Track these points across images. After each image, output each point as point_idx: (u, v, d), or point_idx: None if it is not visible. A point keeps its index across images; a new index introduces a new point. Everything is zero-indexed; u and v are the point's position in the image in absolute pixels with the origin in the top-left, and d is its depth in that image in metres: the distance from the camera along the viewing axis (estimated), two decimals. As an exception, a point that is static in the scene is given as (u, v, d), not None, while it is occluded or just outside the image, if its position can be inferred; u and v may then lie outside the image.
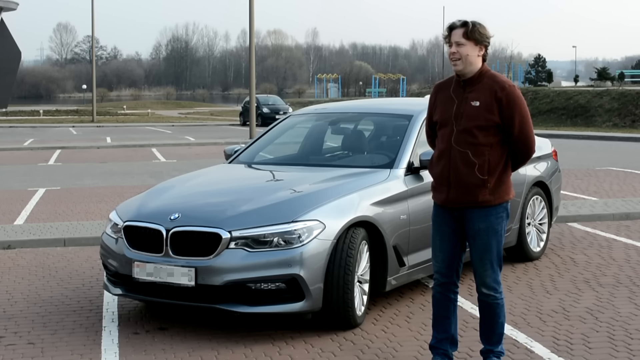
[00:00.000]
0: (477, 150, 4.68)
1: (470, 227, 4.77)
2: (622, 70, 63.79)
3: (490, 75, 4.75)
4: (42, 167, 19.74)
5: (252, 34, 27.19)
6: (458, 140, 4.71)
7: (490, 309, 4.86)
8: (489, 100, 4.68)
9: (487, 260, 4.77)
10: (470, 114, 4.70)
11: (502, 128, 4.71)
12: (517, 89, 4.74)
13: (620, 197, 12.61)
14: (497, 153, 4.72)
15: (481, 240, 4.76)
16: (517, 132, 4.70)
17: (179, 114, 64.83)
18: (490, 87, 4.70)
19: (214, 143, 27.66)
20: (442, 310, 4.97)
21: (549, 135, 21.32)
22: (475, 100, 4.70)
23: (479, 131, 4.68)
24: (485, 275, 4.80)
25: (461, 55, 4.67)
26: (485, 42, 4.70)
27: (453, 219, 4.83)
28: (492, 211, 4.74)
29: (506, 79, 4.78)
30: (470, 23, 4.69)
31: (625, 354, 5.32)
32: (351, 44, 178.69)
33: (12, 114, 58.80)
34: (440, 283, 4.95)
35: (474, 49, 4.68)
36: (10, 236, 9.48)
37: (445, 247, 4.88)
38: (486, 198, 4.71)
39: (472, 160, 4.68)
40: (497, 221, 4.75)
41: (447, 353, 4.99)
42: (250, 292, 5.59)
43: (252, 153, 7.69)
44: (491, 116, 4.67)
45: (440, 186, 4.82)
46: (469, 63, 4.69)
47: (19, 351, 5.55)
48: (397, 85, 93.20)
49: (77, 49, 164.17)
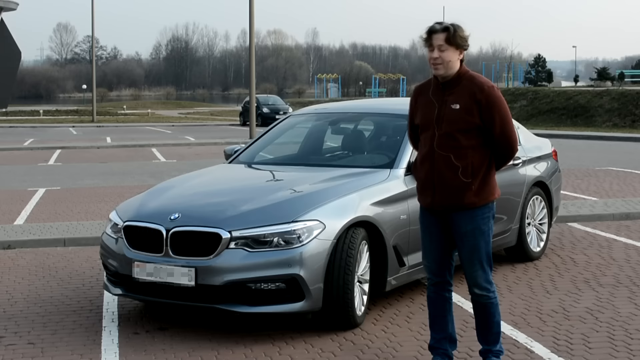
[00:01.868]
0: (460, 153, 4.68)
1: (457, 229, 4.77)
2: (622, 70, 63.71)
3: (469, 76, 4.73)
4: (42, 167, 19.74)
5: (252, 34, 27.19)
6: (440, 144, 4.71)
7: (484, 309, 4.86)
8: (469, 103, 4.66)
9: (476, 260, 4.78)
10: (451, 118, 4.68)
11: (483, 129, 4.70)
12: (497, 89, 4.72)
13: (620, 197, 12.61)
14: (480, 154, 4.72)
15: (468, 241, 4.76)
16: (498, 133, 4.70)
17: (179, 114, 64.83)
18: (470, 89, 4.68)
19: (214, 143, 27.66)
20: (438, 309, 4.98)
21: (549, 135, 21.28)
22: (455, 103, 4.69)
23: (460, 134, 4.67)
24: (476, 276, 4.81)
25: (443, 60, 4.65)
26: (465, 45, 4.70)
27: (440, 221, 4.84)
28: (478, 212, 4.74)
29: (485, 79, 4.76)
30: (451, 27, 4.64)
31: (625, 354, 5.32)
32: (351, 44, 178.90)
33: (12, 114, 58.80)
34: (433, 283, 4.96)
35: (455, 53, 4.66)
36: (10, 236, 9.48)
37: (434, 248, 4.90)
38: (471, 200, 4.70)
39: (455, 164, 4.68)
40: (483, 222, 4.76)
41: (447, 352, 4.99)
42: (250, 292, 5.59)
43: (252, 153, 7.68)
44: (472, 118, 4.66)
45: (425, 190, 4.82)
46: (450, 67, 4.68)
47: (19, 351, 5.55)
48: (397, 85, 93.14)
49: (77, 49, 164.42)
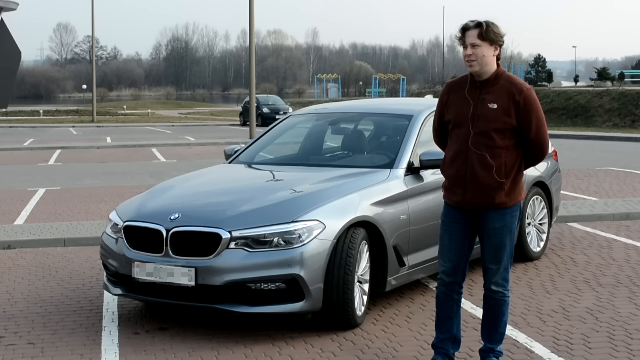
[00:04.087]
0: (495, 153, 4.68)
1: (486, 226, 4.78)
2: (622, 70, 63.72)
3: (507, 76, 4.74)
4: (42, 167, 19.73)
5: (252, 34, 27.18)
6: (475, 142, 4.70)
7: (496, 306, 4.87)
8: (507, 103, 4.67)
9: (500, 258, 4.80)
10: (488, 116, 4.68)
11: (517, 130, 4.72)
12: (533, 91, 4.75)
13: (620, 197, 12.60)
14: (513, 155, 4.74)
15: (496, 238, 4.78)
16: (533, 135, 4.72)
17: (179, 114, 64.82)
18: (508, 90, 4.69)
19: (214, 143, 27.66)
20: (446, 310, 4.96)
21: (549, 135, 21.27)
22: (492, 102, 4.69)
23: (496, 134, 4.67)
24: (497, 273, 4.82)
25: (477, 57, 4.65)
26: (500, 41, 4.70)
27: (466, 219, 4.83)
28: (508, 211, 4.77)
29: (522, 81, 4.78)
30: (484, 23, 4.66)
31: (625, 354, 5.32)
32: (351, 44, 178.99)
33: (12, 114, 58.80)
34: (445, 283, 4.94)
35: (489, 49, 4.66)
36: (10, 236, 9.48)
37: (453, 247, 4.87)
38: (502, 200, 4.72)
39: (490, 163, 4.68)
40: (512, 220, 4.79)
41: (448, 353, 4.99)
42: (250, 292, 5.59)
43: (252, 153, 7.68)
44: (509, 119, 4.67)
45: (455, 187, 4.80)
46: (485, 64, 4.68)
47: (19, 351, 5.55)
48: (397, 85, 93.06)
49: (77, 49, 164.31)
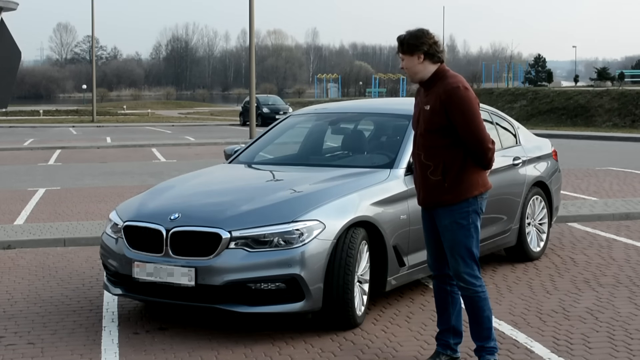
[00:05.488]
0: (429, 153, 4.88)
1: (438, 223, 4.95)
2: (622, 70, 63.78)
3: (442, 77, 4.88)
4: (42, 167, 19.74)
5: (252, 34, 27.19)
6: (417, 144, 5.01)
7: (472, 303, 4.92)
8: (437, 104, 4.83)
9: (456, 254, 4.87)
10: (425, 119, 4.92)
11: (453, 129, 4.82)
12: (462, 89, 4.76)
13: (620, 197, 12.61)
14: (452, 153, 4.84)
15: (448, 234, 4.90)
16: (462, 132, 4.80)
17: (179, 114, 64.84)
18: (437, 91, 4.85)
19: (214, 143, 27.67)
20: (440, 301, 5.15)
21: (549, 135, 21.29)
22: (427, 104, 4.91)
23: (430, 134, 4.87)
24: (458, 270, 4.89)
25: (406, 69, 4.93)
26: (422, 48, 4.83)
27: (429, 216, 5.05)
28: (455, 208, 4.86)
29: (454, 80, 4.82)
30: (400, 39, 4.89)
31: (625, 354, 5.32)
32: (351, 44, 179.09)
33: (12, 114, 58.78)
34: (435, 276, 5.17)
35: (411, 59, 4.88)
36: (10, 236, 9.48)
37: (430, 243, 5.12)
38: (445, 197, 4.86)
39: (425, 163, 4.90)
40: (461, 216, 4.85)
41: (448, 343, 5.09)
42: (250, 292, 5.59)
43: (252, 153, 7.68)
44: (438, 119, 4.82)
45: (416, 188, 5.13)
46: (414, 73, 4.92)
47: (19, 351, 5.55)
48: (397, 85, 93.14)
49: (77, 49, 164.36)
